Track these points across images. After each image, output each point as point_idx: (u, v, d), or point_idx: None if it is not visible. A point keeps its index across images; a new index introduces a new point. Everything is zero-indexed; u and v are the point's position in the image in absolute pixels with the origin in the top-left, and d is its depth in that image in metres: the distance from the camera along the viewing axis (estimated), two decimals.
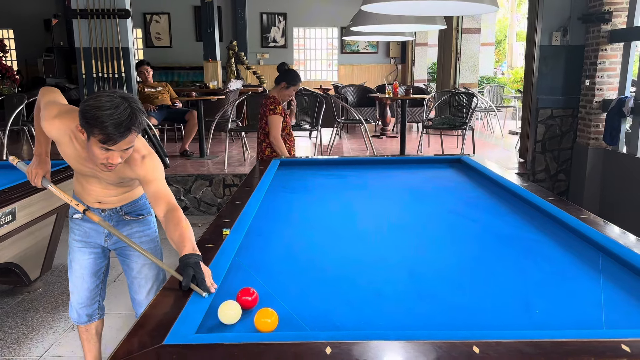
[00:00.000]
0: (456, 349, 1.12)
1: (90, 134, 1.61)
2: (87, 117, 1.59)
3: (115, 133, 1.58)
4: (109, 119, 1.56)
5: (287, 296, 1.46)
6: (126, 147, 1.66)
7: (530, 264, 1.72)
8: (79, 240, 2.12)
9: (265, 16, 14.40)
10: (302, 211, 2.41)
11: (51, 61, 12.88)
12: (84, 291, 2.15)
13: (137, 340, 1.17)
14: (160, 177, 1.87)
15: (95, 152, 1.65)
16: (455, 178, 3.11)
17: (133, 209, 2.11)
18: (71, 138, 1.85)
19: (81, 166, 1.92)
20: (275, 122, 3.87)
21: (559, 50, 5.35)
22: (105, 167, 1.71)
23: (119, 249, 2.15)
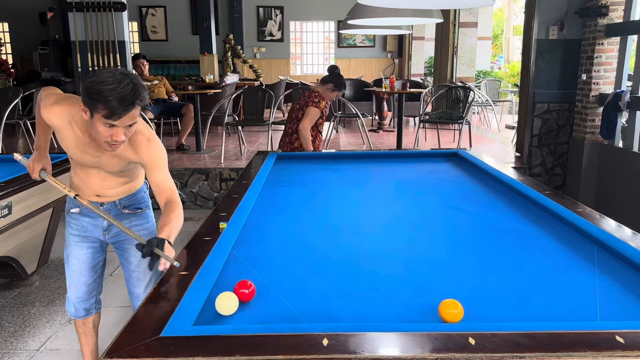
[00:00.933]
0: (452, 340, 1.12)
1: (94, 110, 1.62)
2: (91, 92, 1.60)
3: (119, 107, 1.59)
4: (112, 93, 1.58)
5: (283, 289, 1.47)
6: (130, 122, 1.66)
7: (526, 257, 1.73)
8: (76, 235, 2.10)
9: (261, 9, 14.34)
10: (298, 205, 2.41)
11: (47, 54, 12.80)
12: (81, 285, 2.14)
13: (134, 333, 1.17)
14: (164, 164, 1.91)
15: (100, 130, 1.65)
16: (451, 172, 3.11)
17: (131, 202, 2.10)
18: (71, 124, 1.84)
19: (81, 153, 1.89)
20: (312, 114, 3.89)
21: (555, 44, 5.35)
22: (109, 145, 1.71)
23: (117, 243, 2.14)
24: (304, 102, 4.00)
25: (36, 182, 2.96)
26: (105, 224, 2.07)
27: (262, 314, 1.33)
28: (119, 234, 2.09)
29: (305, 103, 3.98)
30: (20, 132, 6.96)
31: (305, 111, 3.92)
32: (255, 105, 6.46)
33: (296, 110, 4.09)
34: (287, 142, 4.09)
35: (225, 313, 1.30)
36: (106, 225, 2.07)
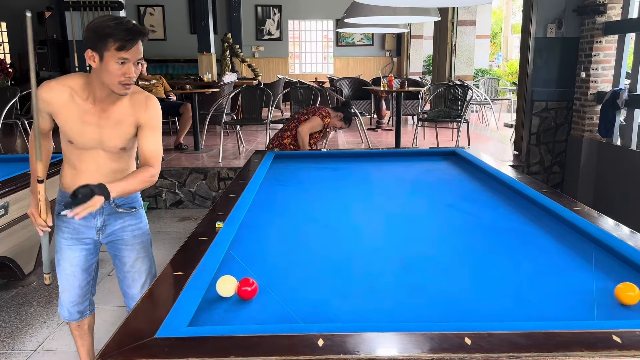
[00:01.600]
0: (448, 340, 1.12)
1: (105, 48, 1.70)
2: (98, 32, 1.70)
3: (129, 37, 1.70)
4: (119, 27, 1.69)
5: (280, 288, 1.46)
6: (138, 57, 1.76)
7: (523, 256, 1.73)
8: (68, 239, 2.05)
9: (260, 8, 14.33)
10: (296, 204, 2.40)
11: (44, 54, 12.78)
12: (75, 289, 2.10)
13: (129, 333, 1.16)
14: (159, 126, 1.98)
15: (112, 70, 1.73)
16: (449, 171, 3.11)
17: (125, 200, 2.06)
18: (72, 95, 1.83)
19: (83, 127, 1.85)
20: (315, 123, 4.07)
21: (553, 42, 5.35)
22: (122, 86, 1.77)
23: (111, 243, 2.11)
24: (312, 110, 4.15)
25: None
26: (99, 224, 2.03)
27: (258, 314, 1.32)
28: (113, 233, 2.07)
29: (313, 111, 4.14)
30: (18, 131, 6.95)
31: (310, 118, 4.07)
32: (253, 104, 6.46)
33: (302, 113, 4.20)
34: (278, 137, 4.17)
35: (225, 295, 1.36)
36: (100, 224, 2.04)
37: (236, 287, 1.38)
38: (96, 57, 1.73)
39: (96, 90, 1.83)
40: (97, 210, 1.96)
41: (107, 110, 1.88)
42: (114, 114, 1.89)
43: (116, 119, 1.89)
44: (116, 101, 1.88)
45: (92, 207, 1.68)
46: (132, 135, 1.96)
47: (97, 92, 1.83)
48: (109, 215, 2.04)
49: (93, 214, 1.97)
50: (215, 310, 1.32)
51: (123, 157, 2.00)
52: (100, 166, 1.95)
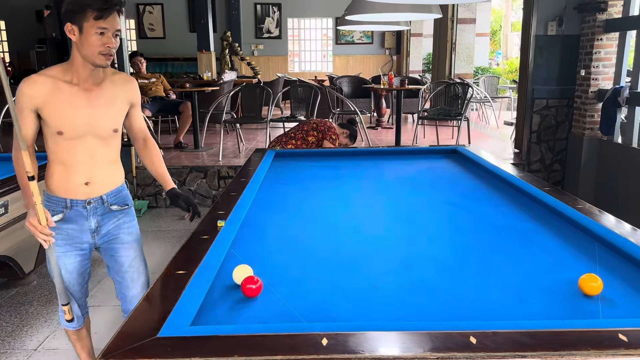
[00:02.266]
0: (453, 339, 1.11)
1: (84, 19, 1.71)
2: (77, 3, 1.71)
3: (106, 5, 1.71)
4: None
5: (282, 287, 1.45)
6: (117, 28, 1.76)
7: (526, 254, 1.72)
8: (62, 246, 1.96)
9: (259, 7, 14.30)
10: (297, 203, 2.39)
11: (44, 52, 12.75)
12: (74, 294, 2.05)
13: (131, 333, 1.16)
14: (140, 102, 2.06)
15: (92, 42, 1.73)
16: (450, 169, 3.10)
17: (118, 199, 2.02)
18: (55, 82, 1.80)
19: (75, 111, 1.81)
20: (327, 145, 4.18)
21: (554, 40, 5.33)
22: (103, 57, 1.76)
23: (106, 243, 2.04)
24: (322, 128, 4.19)
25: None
26: (93, 225, 1.97)
27: (261, 313, 1.32)
28: (108, 233, 2.01)
29: (322, 134, 4.18)
30: None
31: (322, 144, 4.17)
32: (253, 103, 6.44)
33: (310, 129, 4.21)
34: (281, 141, 4.17)
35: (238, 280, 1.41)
36: (94, 226, 1.97)
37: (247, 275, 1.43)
38: (75, 29, 1.74)
39: (79, 69, 1.81)
40: (90, 212, 1.94)
41: (94, 90, 1.86)
42: (103, 93, 1.88)
43: (107, 97, 1.88)
44: (100, 82, 1.87)
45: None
46: (123, 114, 1.97)
47: (80, 71, 1.82)
48: (103, 215, 1.99)
49: (86, 216, 1.94)
50: (218, 310, 1.32)
51: (113, 144, 1.96)
52: (92, 155, 1.90)
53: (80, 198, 1.92)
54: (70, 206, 1.92)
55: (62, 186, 1.91)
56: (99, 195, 1.96)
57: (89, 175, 1.92)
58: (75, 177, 1.90)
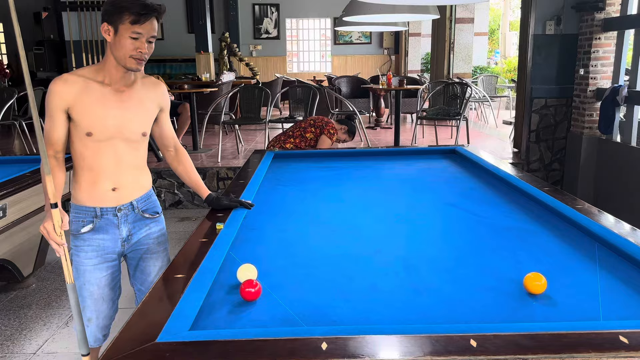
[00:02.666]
0: (453, 342, 1.11)
1: (120, 21, 1.71)
2: (115, 4, 1.71)
3: (144, 11, 1.71)
4: (136, 1, 1.71)
5: (282, 291, 1.44)
6: (152, 33, 1.76)
7: (526, 255, 1.71)
8: (93, 258, 1.89)
9: (257, 7, 14.29)
10: (296, 204, 2.39)
11: (42, 54, 12.74)
12: (105, 311, 1.94)
13: (129, 339, 1.15)
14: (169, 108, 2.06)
15: (125, 44, 1.72)
16: (449, 169, 3.10)
17: (148, 205, 1.98)
18: (86, 82, 1.78)
19: (105, 111, 1.78)
20: (324, 145, 4.19)
21: (552, 39, 5.33)
22: (135, 61, 1.75)
23: (134, 252, 1.98)
24: (320, 124, 4.16)
25: (30, 184, 2.94)
26: (124, 234, 1.91)
27: (260, 317, 1.31)
28: (139, 241, 1.97)
29: (320, 129, 4.15)
30: (15, 132, 6.92)
31: (320, 140, 4.13)
32: (252, 104, 6.44)
33: (308, 126, 4.20)
34: (280, 140, 4.18)
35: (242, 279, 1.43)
36: (125, 234, 1.92)
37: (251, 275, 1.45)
38: (111, 30, 1.73)
39: (112, 70, 1.79)
40: (120, 219, 1.89)
41: (126, 92, 1.83)
42: (133, 94, 1.85)
43: (137, 100, 1.86)
44: (131, 83, 1.85)
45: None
46: (152, 118, 1.94)
47: (113, 72, 1.80)
48: (134, 223, 1.94)
49: (116, 224, 1.89)
50: (217, 314, 1.31)
51: (140, 148, 1.92)
52: (120, 160, 1.85)
53: (109, 205, 1.87)
54: (100, 215, 1.86)
55: (89, 194, 1.86)
56: (128, 201, 1.90)
57: (116, 180, 1.86)
58: (102, 183, 1.85)
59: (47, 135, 1.78)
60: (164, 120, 2.01)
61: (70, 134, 1.82)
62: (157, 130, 2.03)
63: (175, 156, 2.12)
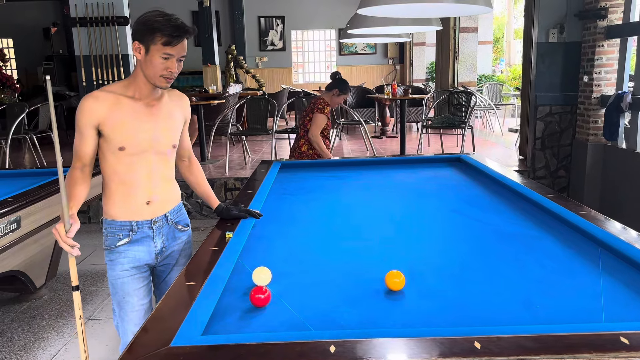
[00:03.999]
0: (458, 344, 1.14)
1: (151, 42, 1.74)
2: (147, 25, 1.73)
3: (176, 33, 1.73)
4: (168, 23, 1.73)
5: (290, 297, 1.48)
6: (182, 54, 1.79)
7: (531, 260, 1.74)
8: (130, 269, 1.91)
9: (263, 20, 14.44)
10: (303, 213, 2.43)
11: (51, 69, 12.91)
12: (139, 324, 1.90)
13: (144, 343, 1.19)
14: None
15: (155, 63, 1.76)
16: (455, 177, 3.13)
17: (180, 217, 2.04)
18: (117, 97, 1.81)
19: (138, 124, 1.82)
20: (319, 120, 4.00)
21: (555, 47, 5.37)
22: (164, 80, 1.80)
23: (164, 265, 2.03)
24: (309, 109, 4.13)
25: (43, 197, 3.00)
26: (159, 246, 1.95)
27: (269, 322, 1.35)
28: (170, 255, 2.01)
29: (310, 109, 4.10)
30: (26, 146, 7.02)
31: (312, 118, 4.03)
32: (258, 115, 6.51)
33: (303, 117, 4.22)
34: (296, 148, 4.21)
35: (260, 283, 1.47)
36: (160, 247, 1.96)
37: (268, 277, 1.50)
38: (142, 49, 1.76)
39: (141, 85, 1.83)
40: (156, 232, 1.93)
41: (155, 106, 1.88)
42: (163, 108, 1.90)
43: (166, 113, 1.91)
44: (160, 97, 1.90)
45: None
46: (180, 130, 1.99)
47: (142, 87, 1.84)
48: (167, 235, 1.98)
49: (152, 236, 1.93)
50: (228, 319, 1.35)
51: (170, 160, 1.97)
52: (152, 172, 1.89)
53: (145, 219, 1.90)
54: (137, 228, 1.89)
55: (124, 208, 1.89)
56: (162, 213, 1.95)
57: (149, 194, 1.90)
58: (137, 197, 1.88)
59: (76, 149, 1.83)
60: (184, 132, 2.06)
61: (100, 150, 1.85)
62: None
63: (189, 167, 2.17)
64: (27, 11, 13.30)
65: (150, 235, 1.93)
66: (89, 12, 5.77)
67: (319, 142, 4.03)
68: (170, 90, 1.99)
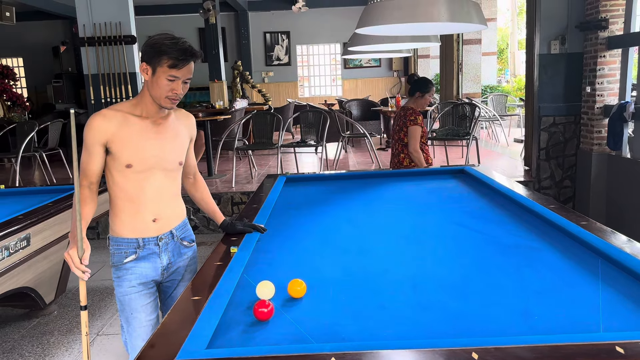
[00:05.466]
0: (456, 355, 1.16)
1: (158, 64, 1.79)
2: (155, 48, 1.78)
3: (182, 57, 1.78)
4: (175, 46, 1.77)
5: (293, 310, 1.51)
6: (188, 76, 1.83)
7: (530, 272, 1.76)
8: (137, 285, 1.94)
9: (268, 35, 14.61)
10: (307, 226, 2.46)
11: (60, 87, 13.12)
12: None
13: (149, 357, 1.22)
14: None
15: (161, 85, 1.80)
16: (458, 189, 3.15)
17: (185, 233, 2.08)
18: (125, 116, 1.85)
19: (144, 142, 1.86)
20: (415, 133, 3.93)
21: (558, 58, 5.41)
22: (169, 101, 1.84)
23: (170, 282, 2.06)
24: (402, 122, 4.05)
25: (52, 214, 3.05)
26: (165, 262, 1.99)
27: (273, 335, 1.37)
28: (176, 271, 2.05)
29: (403, 124, 4.03)
30: (36, 164, 7.12)
31: (408, 132, 3.98)
32: (264, 129, 6.58)
33: (397, 131, 4.12)
34: (396, 163, 4.16)
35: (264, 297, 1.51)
36: (166, 263, 1.99)
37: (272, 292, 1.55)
38: (149, 70, 1.81)
39: (148, 104, 1.88)
40: (162, 248, 1.97)
41: (162, 124, 1.93)
42: (169, 126, 1.95)
43: (173, 131, 1.96)
44: (166, 116, 1.95)
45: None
46: (186, 148, 2.03)
47: (149, 106, 1.89)
48: (173, 251, 2.02)
49: (158, 253, 1.96)
50: (232, 333, 1.38)
51: (177, 177, 2.02)
52: (159, 189, 1.93)
53: (151, 235, 1.94)
54: (143, 245, 1.92)
55: (131, 226, 1.92)
56: (168, 230, 1.99)
57: (156, 211, 1.93)
58: (144, 214, 1.92)
59: (84, 167, 1.86)
60: (189, 150, 2.10)
61: (107, 168, 1.89)
62: None
63: (194, 184, 2.23)
64: (36, 31, 13.56)
65: (157, 252, 1.96)
66: (96, 32, 5.88)
67: (419, 157, 3.96)
68: (177, 110, 2.04)
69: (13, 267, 2.70)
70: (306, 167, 7.19)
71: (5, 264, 2.62)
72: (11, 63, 13.47)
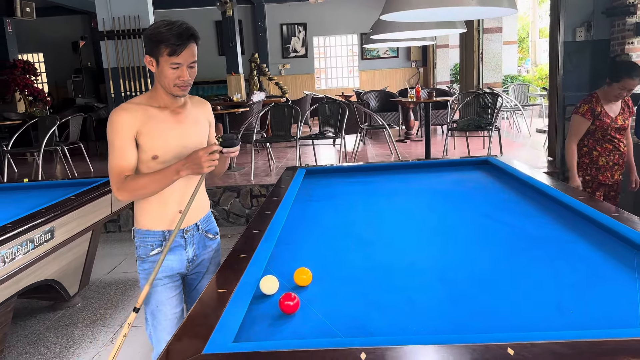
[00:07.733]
0: (490, 351, 1.12)
1: (159, 54, 1.77)
2: (151, 37, 1.76)
3: (179, 42, 1.75)
4: (170, 32, 1.74)
5: (319, 304, 1.48)
6: (191, 60, 1.81)
7: (563, 265, 1.71)
8: (162, 278, 1.93)
9: (285, 27, 14.56)
10: (330, 219, 2.43)
11: (80, 82, 13.28)
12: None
13: (176, 351, 1.21)
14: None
15: (167, 74, 1.79)
16: (482, 180, 3.09)
17: (210, 225, 2.08)
18: (144, 109, 1.85)
19: (168, 132, 1.85)
20: (573, 125, 3.45)
21: (583, 45, 5.27)
22: (179, 89, 1.83)
23: (196, 274, 2.05)
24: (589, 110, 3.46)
25: (75, 207, 3.07)
26: (190, 255, 1.99)
27: (299, 329, 1.35)
28: (201, 263, 2.04)
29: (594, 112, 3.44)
30: (57, 158, 7.21)
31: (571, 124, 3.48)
32: (282, 122, 6.55)
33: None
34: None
35: (268, 292, 1.52)
36: (191, 255, 1.99)
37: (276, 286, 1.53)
38: (154, 62, 1.80)
39: (162, 96, 1.88)
40: (187, 240, 1.96)
41: (181, 113, 1.92)
42: (188, 114, 1.94)
43: (193, 118, 1.95)
44: (183, 105, 1.94)
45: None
46: (206, 134, 2.02)
47: (164, 97, 1.88)
48: (198, 243, 2.01)
49: (183, 245, 1.96)
50: (258, 326, 1.36)
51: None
52: (185, 180, 1.89)
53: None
54: (169, 237, 1.90)
55: (157, 218, 1.91)
56: (193, 222, 1.98)
57: (182, 202, 1.91)
58: (170, 206, 1.91)
59: (120, 164, 1.81)
60: (210, 135, 2.08)
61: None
62: None
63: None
64: (56, 26, 13.70)
65: (182, 245, 1.96)
66: (115, 26, 5.90)
67: (569, 152, 3.56)
68: (192, 97, 2.03)
69: (38, 259, 2.72)
70: (324, 159, 7.16)
71: (30, 256, 2.64)
72: (32, 59, 13.65)
